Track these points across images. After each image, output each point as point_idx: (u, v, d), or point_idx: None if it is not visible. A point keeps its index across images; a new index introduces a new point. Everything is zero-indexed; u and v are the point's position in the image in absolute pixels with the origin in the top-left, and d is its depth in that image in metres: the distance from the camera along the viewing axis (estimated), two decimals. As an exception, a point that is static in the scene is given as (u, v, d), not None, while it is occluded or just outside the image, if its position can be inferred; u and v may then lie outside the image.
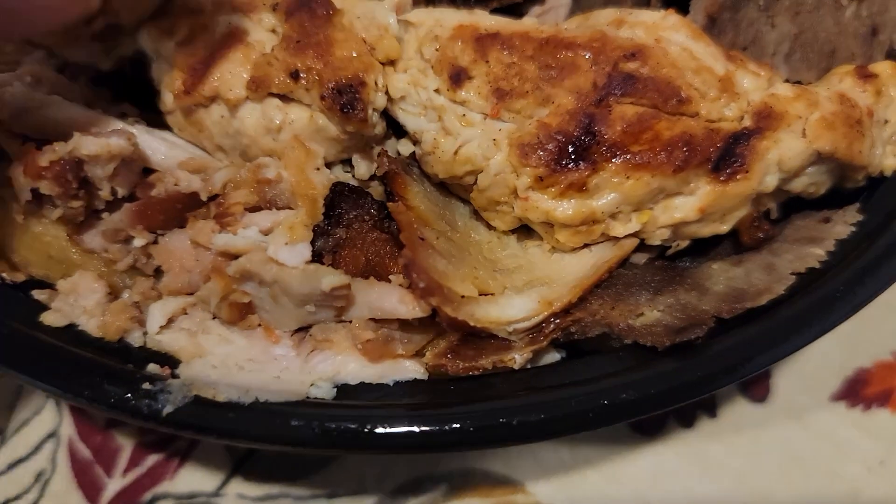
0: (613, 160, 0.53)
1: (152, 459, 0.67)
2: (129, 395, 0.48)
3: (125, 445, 0.70)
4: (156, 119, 0.58)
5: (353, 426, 0.48)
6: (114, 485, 0.66)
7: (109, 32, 0.55)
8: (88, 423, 0.71)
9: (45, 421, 0.72)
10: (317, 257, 0.51)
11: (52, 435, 0.71)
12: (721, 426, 0.72)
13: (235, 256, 0.51)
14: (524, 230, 0.58)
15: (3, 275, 0.56)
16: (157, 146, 0.55)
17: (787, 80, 0.63)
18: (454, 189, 0.58)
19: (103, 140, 0.50)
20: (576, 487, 0.67)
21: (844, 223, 0.60)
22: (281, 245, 0.49)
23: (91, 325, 0.53)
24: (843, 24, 0.66)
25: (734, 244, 0.60)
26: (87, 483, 0.66)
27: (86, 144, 0.50)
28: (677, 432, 0.71)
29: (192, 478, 0.66)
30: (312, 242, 0.51)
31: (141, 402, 0.48)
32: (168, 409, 0.48)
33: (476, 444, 0.52)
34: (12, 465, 0.67)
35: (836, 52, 0.66)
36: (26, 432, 0.72)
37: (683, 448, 0.71)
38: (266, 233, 0.52)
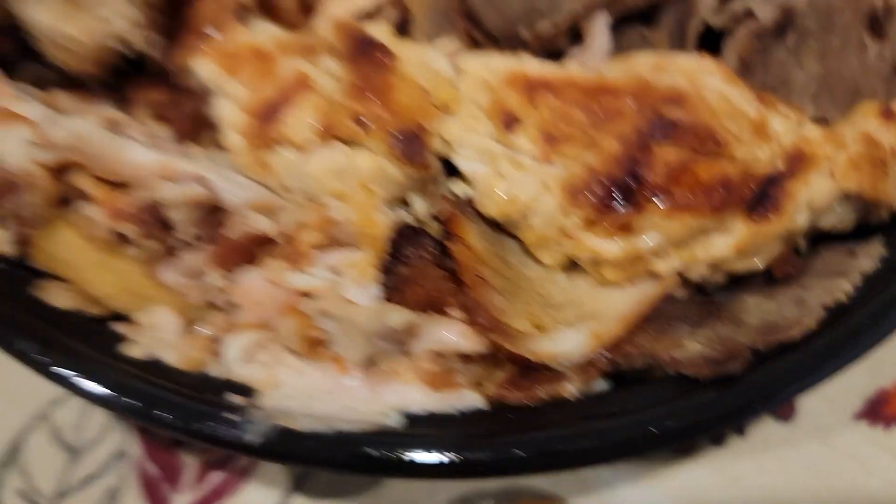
0: (656, 202, 0.57)
1: (215, 477, 0.72)
2: (215, 423, 0.53)
3: (189, 463, 0.74)
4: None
5: (425, 453, 0.52)
6: (180, 501, 0.71)
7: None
8: (155, 442, 0.76)
9: (115, 440, 0.76)
10: (382, 294, 0.56)
11: (121, 453, 0.76)
12: (749, 444, 0.76)
13: (308, 294, 0.55)
14: (572, 265, 0.62)
15: (84, 308, 0.61)
16: (227, 186, 0.59)
17: (813, 118, 0.68)
18: (506, 227, 0.62)
19: (181, 187, 0.54)
20: (614, 502, 0.71)
21: (869, 257, 0.64)
22: (353, 285, 0.54)
23: (172, 357, 0.58)
24: (867, 64, 0.70)
25: (766, 277, 0.65)
26: (156, 499, 0.70)
27: (166, 190, 0.54)
28: (709, 450, 0.75)
29: (254, 495, 0.70)
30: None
31: (226, 431, 0.52)
32: (251, 438, 0.52)
33: (536, 469, 0.56)
34: (85, 482, 0.72)
35: (860, 90, 0.70)
36: (97, 450, 0.76)
37: (715, 465, 0.75)
38: (335, 271, 0.56)
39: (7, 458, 0.76)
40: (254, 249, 0.57)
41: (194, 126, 0.68)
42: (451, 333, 0.56)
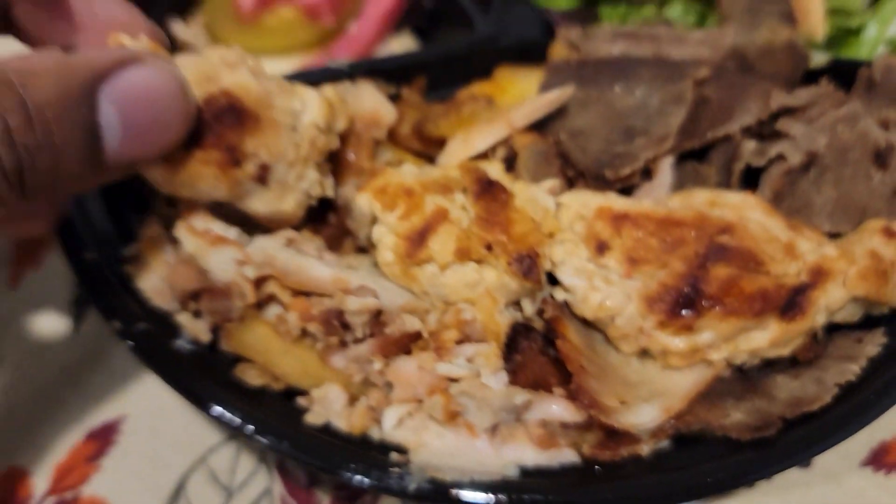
0: (712, 309, 0.75)
1: (346, 511, 0.89)
2: (384, 476, 0.71)
3: (323, 500, 0.92)
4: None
5: (539, 497, 0.70)
6: (318, 532, 0.88)
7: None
8: (294, 482, 0.93)
9: (261, 481, 0.93)
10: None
11: (267, 492, 0.93)
12: (775, 486, 0.91)
13: (451, 378, 0.74)
14: (643, 352, 0.80)
15: (270, 385, 0.79)
16: (385, 294, 0.77)
17: (828, 233, 0.86)
18: (594, 323, 0.80)
19: (363, 299, 0.73)
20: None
21: (874, 344, 0.80)
22: (489, 373, 0.72)
23: (341, 423, 0.76)
24: (872, 189, 0.87)
25: (791, 360, 0.82)
26: (298, 529, 0.88)
27: (350, 302, 0.72)
28: (742, 491, 0.92)
29: (377, 526, 0.87)
30: (499, 366, 0.74)
31: (392, 481, 0.70)
32: (413, 486, 0.70)
33: None
34: (239, 518, 0.89)
35: (867, 210, 0.87)
36: (247, 490, 0.93)
37: (745, 502, 0.92)
38: (469, 360, 0.74)
39: (174, 496, 0.93)
40: (407, 342, 0.76)
41: (340, 236, 0.87)
42: (557, 407, 0.74)
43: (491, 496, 0.70)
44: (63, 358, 1.02)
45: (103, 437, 0.96)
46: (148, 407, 0.98)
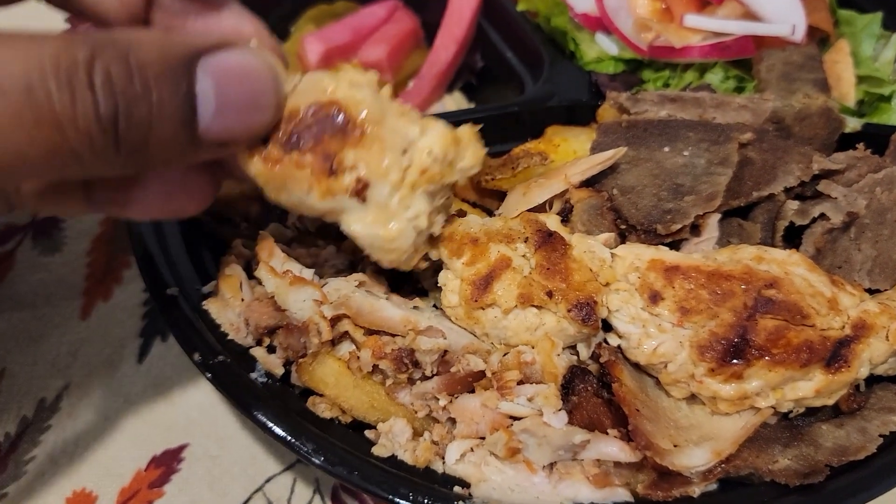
0: (760, 359, 0.79)
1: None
2: (450, 507, 0.75)
3: (372, 527, 0.96)
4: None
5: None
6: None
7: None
8: (345, 511, 0.97)
9: (314, 511, 0.98)
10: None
11: (320, 521, 0.97)
12: None
13: (513, 416, 0.78)
14: (691, 397, 0.84)
15: (339, 418, 0.84)
16: (449, 334, 0.82)
17: (867, 289, 0.91)
18: (645, 369, 0.84)
19: (433, 339, 0.78)
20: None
21: None
22: (550, 412, 0.76)
23: (406, 456, 0.80)
24: None
25: (835, 408, 0.86)
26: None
27: (422, 342, 0.77)
28: None
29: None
30: (556, 405, 0.78)
31: (457, 513, 0.75)
32: (475, 519, 0.74)
33: None
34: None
35: None
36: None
37: None
38: (530, 399, 0.79)
39: (234, 521, 0.98)
40: (471, 381, 0.80)
41: (401, 277, 0.93)
42: (613, 447, 0.77)
43: (550, 531, 0.73)
44: (127, 387, 1.07)
45: (166, 464, 1.00)
46: (209, 436, 1.03)
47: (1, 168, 0.53)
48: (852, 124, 1.07)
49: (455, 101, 1.28)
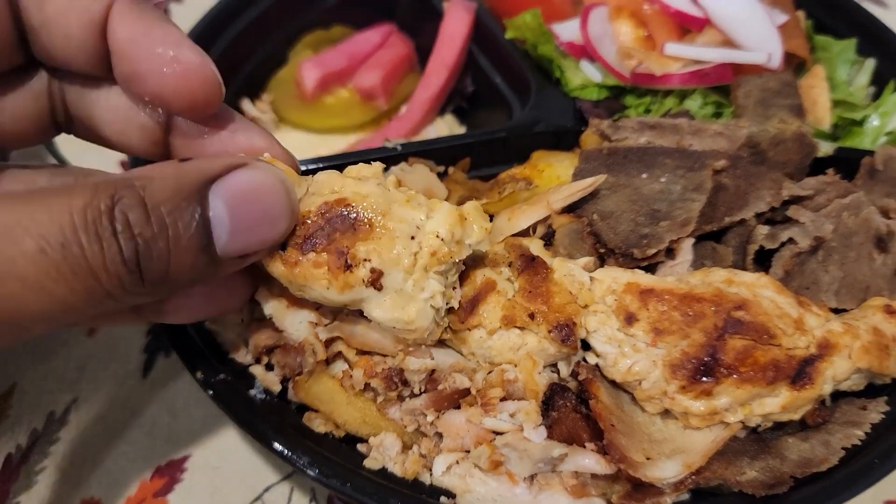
0: (729, 377, 0.83)
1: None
2: (437, 517, 0.80)
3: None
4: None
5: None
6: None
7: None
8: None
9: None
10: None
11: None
12: None
13: (496, 431, 0.83)
14: (665, 412, 0.89)
15: (332, 432, 0.89)
16: (436, 354, 0.87)
17: (834, 309, 0.95)
18: (622, 386, 0.89)
19: (421, 360, 0.83)
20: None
21: (877, 411, 0.88)
22: (530, 428, 0.81)
23: (396, 469, 0.85)
24: (874, 269, 0.97)
25: (801, 423, 0.91)
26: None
27: (411, 362, 0.82)
28: None
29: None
30: (537, 421, 0.83)
31: (444, 523, 0.80)
32: (460, 528, 0.79)
33: None
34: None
35: (869, 287, 0.96)
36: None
37: None
38: (512, 415, 0.84)
39: (234, 528, 1.03)
40: (457, 398, 0.85)
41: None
42: (589, 460, 0.82)
43: (530, 539, 0.78)
44: (133, 401, 1.12)
45: (170, 474, 1.06)
46: (210, 448, 1.09)
47: (48, 318, 0.58)
48: (825, 148, 1.12)
49: (447, 124, 1.33)
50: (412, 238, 0.73)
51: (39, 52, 0.71)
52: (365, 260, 0.72)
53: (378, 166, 0.78)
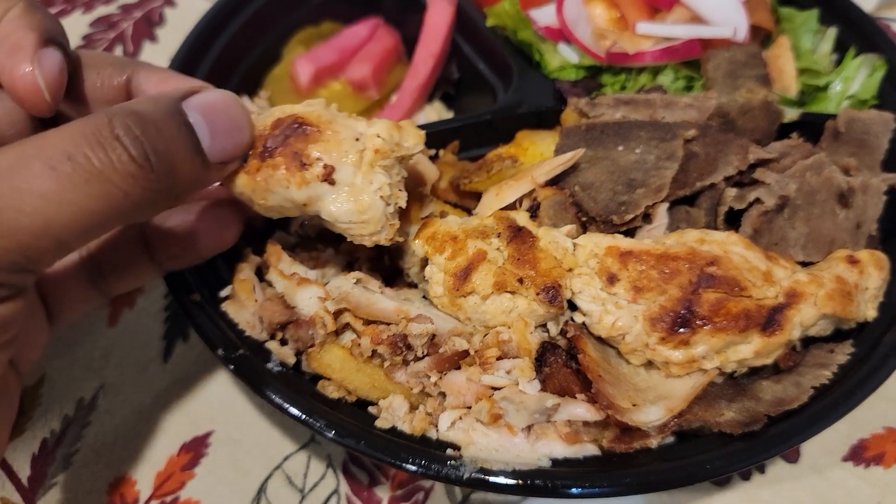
0: (704, 327, 0.91)
1: (402, 506, 1.06)
2: (444, 468, 0.88)
3: (383, 498, 1.09)
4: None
5: (567, 482, 0.87)
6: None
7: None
8: (357, 483, 1.10)
9: (329, 483, 1.10)
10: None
11: (335, 492, 1.10)
12: (768, 479, 1.06)
13: (494, 387, 0.91)
14: (649, 364, 0.97)
15: (345, 397, 0.97)
16: (436, 320, 0.95)
17: (802, 262, 1.03)
18: (607, 341, 0.97)
19: (423, 325, 0.90)
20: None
21: (843, 353, 0.95)
22: (525, 382, 0.89)
23: (405, 427, 0.93)
24: (837, 224, 1.04)
25: (774, 367, 0.99)
26: (362, 524, 1.05)
27: (413, 328, 0.90)
28: (739, 483, 1.05)
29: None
30: (532, 377, 0.91)
31: (450, 471, 0.87)
32: (467, 475, 0.87)
33: (634, 492, 0.88)
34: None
35: (834, 241, 1.03)
36: (318, 490, 1.10)
37: (743, 494, 1.05)
38: (508, 372, 0.92)
39: (256, 497, 1.10)
40: (457, 359, 0.93)
41: (393, 274, 1.06)
42: (580, 409, 0.90)
43: (528, 482, 0.86)
44: (156, 384, 1.20)
45: (195, 449, 1.13)
46: (231, 423, 1.16)
47: (80, 228, 0.67)
48: (791, 114, 1.20)
49: (435, 110, 1.40)
50: (356, 140, 0.84)
51: None
52: (317, 158, 0.82)
53: (321, 101, 0.91)
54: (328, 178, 0.83)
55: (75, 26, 1.69)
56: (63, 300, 0.91)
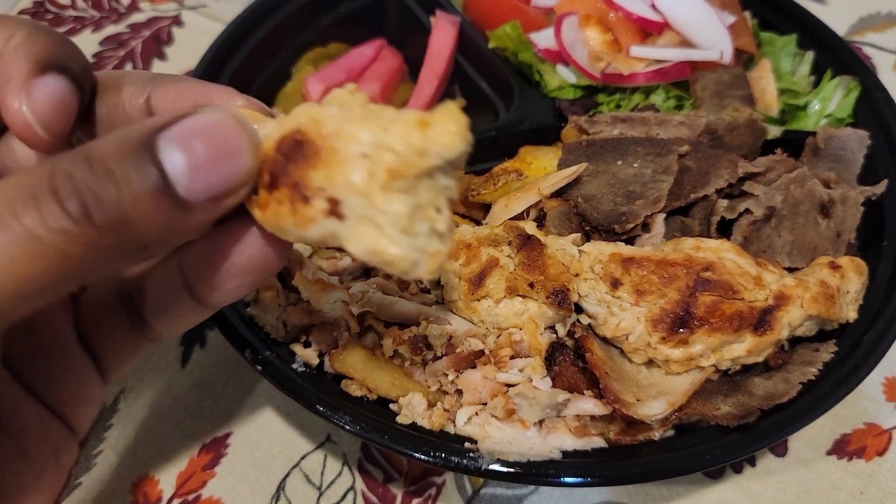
0: (701, 327, 0.98)
1: (415, 501, 1.12)
2: (463, 459, 0.94)
3: (398, 494, 1.14)
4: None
5: (578, 472, 0.93)
6: (393, 518, 1.10)
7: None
8: (372, 480, 1.16)
9: (345, 480, 1.15)
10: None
11: (351, 489, 1.15)
12: (758, 472, 1.12)
13: (508, 384, 0.98)
14: (650, 362, 1.04)
15: (367, 396, 1.03)
16: (453, 322, 1.02)
17: (788, 268, 1.11)
18: (611, 341, 1.04)
19: (442, 326, 0.97)
20: (669, 510, 1.11)
21: (827, 352, 1.03)
22: (537, 379, 0.96)
23: (424, 423, 0.99)
24: (820, 233, 1.13)
25: (765, 365, 1.06)
26: (377, 518, 1.10)
27: (433, 329, 0.97)
28: (731, 475, 1.11)
29: (441, 512, 1.09)
30: (543, 375, 0.98)
31: (470, 463, 0.93)
32: (485, 466, 0.93)
33: (637, 481, 0.96)
34: (331, 510, 1.11)
35: (817, 248, 1.12)
36: (335, 487, 1.15)
37: (735, 486, 1.10)
38: (521, 370, 0.98)
39: (275, 495, 1.14)
40: (473, 359, 1.00)
41: (407, 280, 1.12)
42: (588, 404, 0.97)
43: (542, 472, 0.93)
44: (175, 388, 1.24)
45: (215, 450, 1.18)
46: (249, 425, 1.21)
47: (17, 295, 0.55)
48: (774, 132, 1.28)
49: (439, 127, 1.47)
50: (364, 156, 0.59)
51: None
52: (319, 189, 0.61)
53: (362, 93, 0.66)
54: (335, 212, 0.60)
55: (85, 45, 1.74)
56: (108, 353, 0.79)
